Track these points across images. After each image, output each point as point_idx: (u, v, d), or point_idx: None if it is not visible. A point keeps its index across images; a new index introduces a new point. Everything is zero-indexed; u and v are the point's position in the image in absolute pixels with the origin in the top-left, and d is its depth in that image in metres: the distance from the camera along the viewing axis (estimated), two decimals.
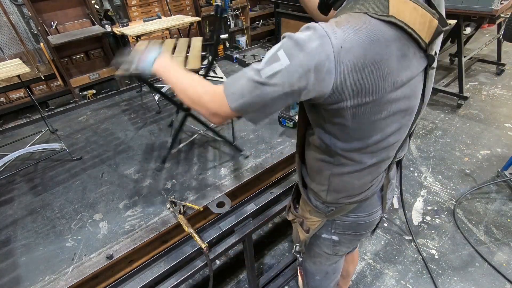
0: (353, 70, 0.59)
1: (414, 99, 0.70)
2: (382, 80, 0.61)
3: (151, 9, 4.43)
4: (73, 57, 3.67)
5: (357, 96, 0.62)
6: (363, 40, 0.58)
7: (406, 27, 0.60)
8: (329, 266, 1.14)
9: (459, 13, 3.00)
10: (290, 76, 0.61)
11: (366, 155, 0.76)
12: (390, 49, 0.60)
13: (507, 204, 2.24)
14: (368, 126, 0.68)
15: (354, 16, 0.61)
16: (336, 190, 0.87)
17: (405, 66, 0.63)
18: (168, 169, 1.66)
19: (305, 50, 0.58)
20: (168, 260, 1.22)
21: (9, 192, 1.63)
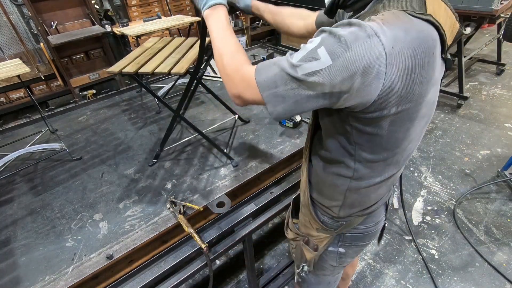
0: (403, 73, 0.54)
1: (432, 104, 0.69)
2: (427, 83, 0.59)
3: (151, 9, 4.43)
4: (73, 57, 3.67)
5: (402, 103, 0.57)
6: (414, 40, 0.54)
7: (441, 28, 0.58)
8: (333, 276, 1.11)
9: (459, 13, 3.00)
10: (332, 77, 0.54)
11: (390, 166, 0.73)
12: (436, 50, 0.59)
13: (507, 204, 2.24)
14: (402, 134, 0.65)
15: (398, 14, 0.56)
16: (350, 205, 0.83)
17: (438, 69, 0.63)
18: (168, 169, 1.66)
19: (351, 50, 0.52)
20: (168, 260, 1.22)
21: (9, 192, 1.62)
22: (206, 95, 2.42)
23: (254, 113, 2.09)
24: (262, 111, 2.12)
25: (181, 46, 1.71)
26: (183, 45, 1.73)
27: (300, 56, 0.56)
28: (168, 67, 1.42)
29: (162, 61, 1.52)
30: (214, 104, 2.27)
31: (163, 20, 2.80)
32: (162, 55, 1.61)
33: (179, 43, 1.76)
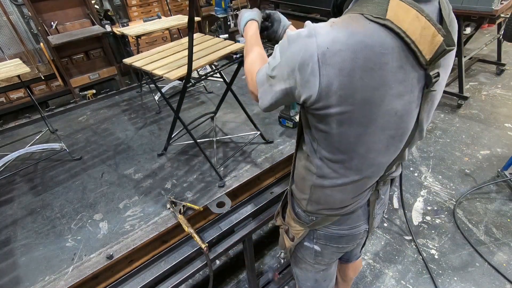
0: (340, 73, 0.56)
1: (406, 120, 0.66)
2: (372, 90, 0.57)
3: (151, 9, 4.43)
4: (73, 57, 3.67)
5: (344, 103, 0.58)
6: (356, 43, 0.55)
7: (404, 35, 0.55)
8: (316, 273, 1.12)
9: (459, 13, 3.00)
10: (282, 72, 0.64)
11: (350, 170, 0.73)
12: (386, 58, 0.56)
13: (507, 204, 2.24)
14: (354, 138, 0.65)
15: (352, 18, 0.58)
16: (316, 202, 0.86)
17: (400, 79, 0.59)
18: (168, 169, 1.66)
19: (291, 48, 0.60)
20: (168, 260, 1.22)
21: (9, 192, 1.62)
22: (206, 95, 2.43)
23: (254, 112, 2.09)
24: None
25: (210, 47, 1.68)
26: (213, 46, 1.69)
27: (273, 54, 0.68)
28: (164, 70, 1.41)
29: (171, 61, 1.51)
30: (214, 104, 2.28)
31: (163, 20, 2.80)
32: (179, 54, 1.60)
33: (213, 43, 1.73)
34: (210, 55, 1.55)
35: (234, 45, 1.64)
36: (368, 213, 0.90)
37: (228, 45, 1.65)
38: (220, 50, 1.60)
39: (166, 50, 1.67)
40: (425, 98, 0.65)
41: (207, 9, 4.96)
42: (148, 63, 1.50)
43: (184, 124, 1.55)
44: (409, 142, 0.73)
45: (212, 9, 4.89)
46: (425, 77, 0.61)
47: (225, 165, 1.64)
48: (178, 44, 1.76)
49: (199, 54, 1.56)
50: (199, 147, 1.56)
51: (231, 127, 1.98)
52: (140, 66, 1.48)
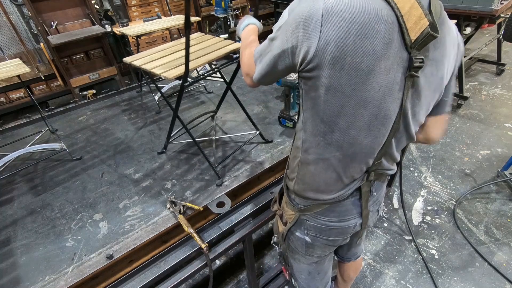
0: (337, 34, 0.58)
1: (388, 100, 0.66)
2: (362, 56, 0.59)
3: (151, 9, 4.43)
4: (73, 57, 3.67)
5: (335, 65, 0.61)
6: (355, 6, 0.58)
7: (395, 6, 0.58)
8: (309, 265, 1.13)
9: (459, 13, 3.00)
10: (287, 29, 0.66)
11: (330, 146, 0.74)
12: (379, 26, 0.58)
13: (507, 204, 2.24)
14: (337, 108, 0.67)
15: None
16: (302, 180, 0.87)
17: (388, 54, 0.60)
18: (168, 169, 1.66)
19: (300, 5, 0.63)
20: (168, 260, 1.22)
21: (9, 192, 1.63)
22: (206, 95, 2.43)
23: (254, 112, 2.09)
24: (262, 110, 2.12)
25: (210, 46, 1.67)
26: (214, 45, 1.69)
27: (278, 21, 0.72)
28: (163, 69, 1.41)
29: (170, 60, 1.52)
30: (214, 104, 2.28)
31: (163, 20, 2.80)
32: (179, 54, 1.60)
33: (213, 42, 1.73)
34: (209, 54, 1.55)
35: (233, 45, 1.64)
36: (360, 207, 0.90)
37: (228, 45, 1.65)
38: (220, 49, 1.60)
39: (165, 50, 1.67)
40: (409, 84, 0.65)
41: (207, 9, 4.96)
42: (148, 62, 1.50)
43: (183, 123, 1.55)
44: (394, 131, 0.73)
45: (212, 9, 4.88)
46: (409, 60, 0.62)
47: (224, 165, 1.64)
48: (177, 43, 1.76)
49: (198, 54, 1.56)
50: (198, 146, 1.56)
51: (230, 126, 1.98)
52: (139, 65, 1.49)
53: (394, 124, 0.72)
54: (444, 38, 0.67)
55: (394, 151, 0.81)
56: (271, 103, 2.19)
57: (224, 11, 4.65)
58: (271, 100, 2.23)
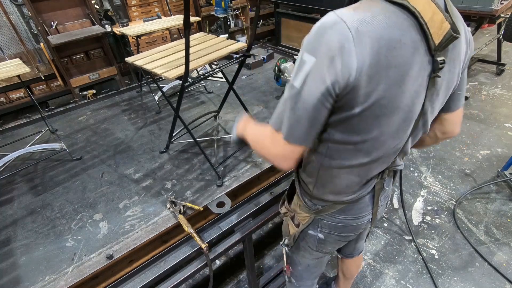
0: (370, 53, 0.58)
1: (416, 103, 0.69)
2: (395, 68, 0.61)
3: (151, 9, 4.43)
4: (73, 57, 3.67)
5: (371, 83, 0.61)
6: (380, 23, 0.59)
7: (419, 15, 0.59)
8: (311, 260, 1.15)
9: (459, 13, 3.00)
10: (320, 70, 0.60)
11: (360, 152, 0.74)
12: (405, 38, 0.60)
13: (507, 204, 2.24)
14: (373, 119, 0.66)
15: (371, 2, 0.62)
16: (323, 185, 0.86)
17: (416, 62, 0.62)
18: (168, 169, 1.66)
19: (324, 40, 0.60)
20: (168, 260, 1.22)
21: (9, 192, 1.62)
22: (207, 95, 2.42)
23: (254, 112, 2.09)
24: (263, 111, 2.12)
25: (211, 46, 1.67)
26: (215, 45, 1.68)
27: (294, 73, 0.65)
28: (164, 69, 1.41)
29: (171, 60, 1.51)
30: (214, 104, 2.27)
31: (163, 20, 2.80)
32: (180, 54, 1.60)
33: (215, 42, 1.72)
34: (211, 54, 1.55)
35: (235, 45, 1.64)
36: (372, 203, 0.92)
37: (229, 45, 1.65)
38: (221, 49, 1.60)
39: (167, 50, 1.67)
40: (431, 85, 0.67)
41: (207, 9, 4.96)
42: (149, 62, 1.50)
43: (184, 123, 1.55)
44: (413, 129, 0.75)
45: (212, 9, 4.88)
46: (433, 62, 0.64)
47: (225, 165, 1.64)
48: (179, 43, 1.76)
49: (199, 54, 1.56)
50: (199, 146, 1.56)
51: (231, 126, 1.98)
52: (140, 65, 1.49)
53: (415, 123, 0.74)
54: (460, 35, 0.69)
55: (408, 147, 0.83)
56: (271, 103, 2.19)
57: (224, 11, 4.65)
58: (271, 100, 2.23)
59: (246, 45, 1.62)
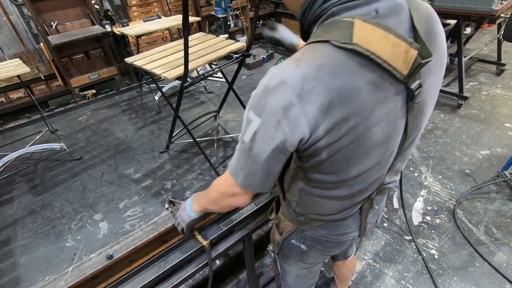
0: (320, 109, 0.55)
1: (394, 136, 0.66)
2: (355, 116, 0.57)
3: (151, 9, 4.43)
4: (73, 57, 3.67)
5: (331, 134, 0.58)
6: (326, 76, 0.54)
7: (374, 56, 0.54)
8: (299, 270, 1.13)
9: (459, 13, 3.00)
10: (267, 130, 0.59)
11: (341, 187, 0.72)
12: (358, 83, 0.55)
13: (507, 204, 2.24)
14: (344, 162, 0.65)
15: (317, 49, 0.57)
16: (304, 206, 0.85)
17: (381, 99, 0.58)
18: (168, 169, 1.66)
19: (268, 103, 0.57)
20: (168, 260, 1.22)
21: (9, 192, 1.63)
22: (206, 95, 2.43)
23: None
24: None
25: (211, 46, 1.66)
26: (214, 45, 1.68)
27: (243, 128, 0.64)
28: (163, 70, 1.41)
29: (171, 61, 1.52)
30: (214, 104, 2.28)
31: (163, 20, 2.80)
32: (180, 54, 1.59)
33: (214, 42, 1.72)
34: (210, 54, 1.55)
35: (234, 45, 1.64)
36: (360, 221, 0.89)
37: (229, 45, 1.65)
38: (221, 49, 1.60)
39: (167, 50, 1.67)
40: (411, 110, 0.64)
41: (207, 9, 4.97)
42: (148, 63, 1.51)
43: (184, 124, 1.55)
44: (399, 153, 0.72)
45: (212, 9, 4.89)
46: (407, 90, 0.60)
47: (224, 165, 1.64)
48: (179, 43, 1.76)
49: (199, 54, 1.56)
50: (199, 146, 1.56)
51: (231, 126, 1.98)
52: (140, 65, 1.49)
53: (400, 147, 0.71)
54: (437, 37, 0.65)
55: (401, 166, 0.81)
56: None
57: (224, 11, 4.65)
58: None
59: (246, 45, 1.62)
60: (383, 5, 0.57)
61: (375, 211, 0.93)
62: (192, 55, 1.55)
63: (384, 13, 0.57)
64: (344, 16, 0.57)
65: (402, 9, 0.59)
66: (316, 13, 0.61)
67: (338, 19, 0.58)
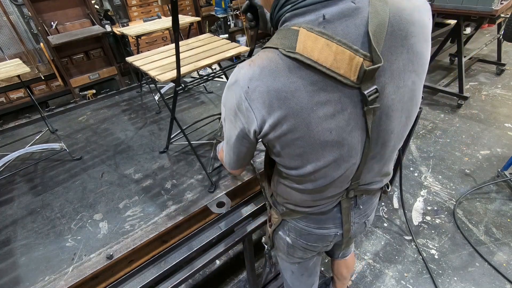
0: (263, 106, 0.62)
1: (346, 137, 0.66)
2: (294, 115, 0.61)
3: (151, 9, 4.43)
4: (73, 57, 3.67)
5: (276, 129, 0.64)
6: (267, 77, 0.60)
7: (315, 64, 0.57)
8: (291, 265, 1.15)
9: (459, 13, 3.01)
10: (230, 118, 0.71)
11: (304, 181, 0.77)
12: (296, 84, 0.59)
13: (507, 204, 2.24)
14: (298, 157, 0.69)
15: (267, 54, 0.62)
16: (281, 195, 0.91)
17: (322, 101, 0.60)
18: (168, 169, 1.66)
19: (227, 97, 0.68)
20: (168, 260, 1.22)
21: (9, 192, 1.63)
22: (207, 95, 2.43)
23: None
24: None
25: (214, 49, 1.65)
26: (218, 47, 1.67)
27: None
28: (159, 71, 1.41)
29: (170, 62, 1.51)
30: (214, 104, 2.28)
31: (163, 20, 2.80)
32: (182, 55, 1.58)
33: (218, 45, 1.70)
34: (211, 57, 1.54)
35: (237, 48, 1.63)
36: (340, 219, 0.90)
37: (232, 48, 1.64)
38: (223, 52, 1.59)
39: (168, 51, 1.67)
40: (370, 113, 0.63)
41: (207, 9, 4.97)
42: (147, 63, 1.50)
43: (181, 127, 1.55)
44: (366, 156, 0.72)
45: (212, 9, 4.89)
46: (361, 94, 0.61)
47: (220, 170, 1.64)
48: (182, 44, 1.76)
49: (200, 56, 1.55)
50: (195, 152, 1.56)
51: None
52: (139, 65, 1.49)
53: (364, 151, 0.70)
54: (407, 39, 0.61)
55: (377, 169, 0.81)
56: None
57: (224, 11, 4.65)
58: None
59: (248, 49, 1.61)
60: (331, 10, 0.58)
61: (361, 211, 0.94)
62: (192, 57, 1.55)
63: (331, 18, 0.58)
64: (294, 22, 0.61)
65: (358, 13, 0.58)
66: (276, 17, 0.66)
67: (289, 25, 0.61)
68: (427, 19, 0.64)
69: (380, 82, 0.62)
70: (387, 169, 0.85)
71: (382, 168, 0.82)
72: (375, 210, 1.05)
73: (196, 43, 1.75)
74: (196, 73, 2.44)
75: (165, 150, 1.80)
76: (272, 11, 0.67)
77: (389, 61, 0.61)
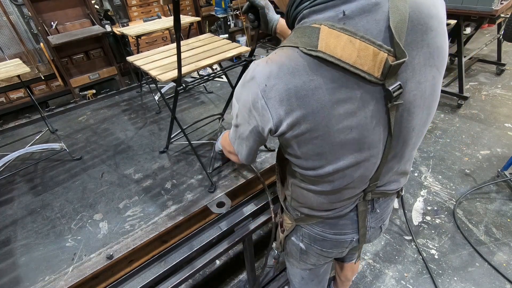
0: (281, 104, 0.61)
1: (368, 135, 0.64)
2: (313, 113, 0.60)
3: (151, 9, 4.43)
4: (73, 57, 3.67)
5: (294, 129, 0.63)
6: (285, 75, 0.59)
7: (338, 61, 0.56)
8: (302, 271, 1.13)
9: (459, 13, 3.00)
10: (243, 115, 0.70)
11: (321, 182, 0.74)
12: (317, 82, 0.58)
13: (507, 204, 2.24)
14: (316, 157, 0.67)
15: (285, 51, 0.61)
16: (296, 199, 0.89)
17: (343, 99, 0.59)
18: (168, 169, 1.66)
19: (242, 94, 0.68)
20: (168, 260, 1.22)
21: (9, 192, 1.62)
22: (207, 95, 2.42)
23: None
24: None
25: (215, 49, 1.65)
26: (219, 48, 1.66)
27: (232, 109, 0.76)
28: (160, 71, 1.41)
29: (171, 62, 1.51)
30: (214, 104, 2.27)
31: (163, 20, 2.80)
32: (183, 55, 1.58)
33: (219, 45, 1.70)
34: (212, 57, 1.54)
35: (238, 49, 1.63)
36: (357, 223, 0.88)
37: (233, 48, 1.64)
38: (224, 53, 1.59)
39: (169, 50, 1.67)
40: (393, 110, 0.63)
41: (207, 9, 4.97)
42: (148, 63, 1.50)
43: (181, 127, 1.55)
44: (387, 155, 0.70)
45: (212, 9, 4.89)
46: (385, 91, 0.60)
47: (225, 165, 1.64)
48: (183, 44, 1.75)
49: (200, 56, 1.55)
50: (194, 151, 1.55)
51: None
52: (139, 65, 1.49)
53: (386, 149, 0.69)
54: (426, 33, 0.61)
55: (396, 169, 0.79)
56: None
57: (224, 11, 4.65)
58: None
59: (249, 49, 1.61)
60: (351, 6, 0.57)
61: (377, 215, 0.91)
62: (193, 57, 1.55)
63: (352, 14, 0.57)
64: (313, 19, 0.60)
65: (378, 8, 0.57)
66: (293, 15, 0.65)
67: (308, 22, 0.60)
68: (443, 14, 0.65)
69: (402, 78, 0.61)
70: (405, 168, 0.83)
71: (401, 167, 0.81)
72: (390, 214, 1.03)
73: (196, 43, 1.75)
74: (196, 73, 2.44)
75: (165, 150, 1.79)
76: (289, 9, 0.66)
77: (411, 56, 0.60)
